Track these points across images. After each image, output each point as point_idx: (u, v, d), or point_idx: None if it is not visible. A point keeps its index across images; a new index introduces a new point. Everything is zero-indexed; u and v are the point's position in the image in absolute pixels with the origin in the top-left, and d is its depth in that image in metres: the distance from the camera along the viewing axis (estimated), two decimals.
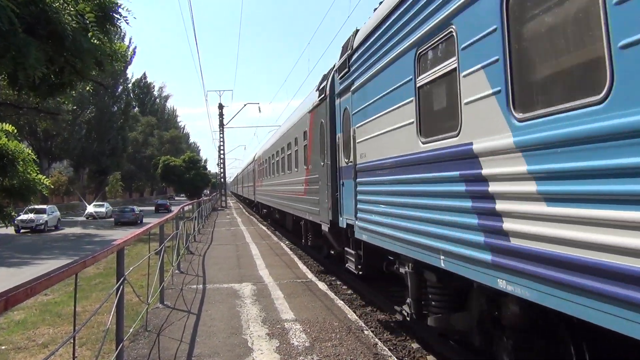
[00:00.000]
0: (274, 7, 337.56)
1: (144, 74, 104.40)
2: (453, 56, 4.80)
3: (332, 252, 12.84)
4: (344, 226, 9.46)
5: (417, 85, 5.74)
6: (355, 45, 8.35)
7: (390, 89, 6.60)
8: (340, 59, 9.55)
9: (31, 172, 8.69)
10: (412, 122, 5.92)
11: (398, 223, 6.42)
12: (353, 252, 9.32)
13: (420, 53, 5.65)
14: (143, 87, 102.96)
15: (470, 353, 6.84)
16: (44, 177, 9.17)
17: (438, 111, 5.59)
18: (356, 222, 8.47)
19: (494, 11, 4.02)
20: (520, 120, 3.76)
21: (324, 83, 11.35)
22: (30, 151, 9.22)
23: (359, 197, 8.27)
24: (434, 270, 5.76)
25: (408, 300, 6.67)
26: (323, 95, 11.29)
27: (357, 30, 8.54)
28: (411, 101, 5.92)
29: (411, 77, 5.87)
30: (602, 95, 2.99)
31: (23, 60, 6.04)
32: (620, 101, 2.86)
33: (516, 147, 3.76)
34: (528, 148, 3.64)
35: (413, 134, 5.86)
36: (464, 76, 4.58)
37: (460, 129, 4.73)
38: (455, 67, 4.75)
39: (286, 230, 24.28)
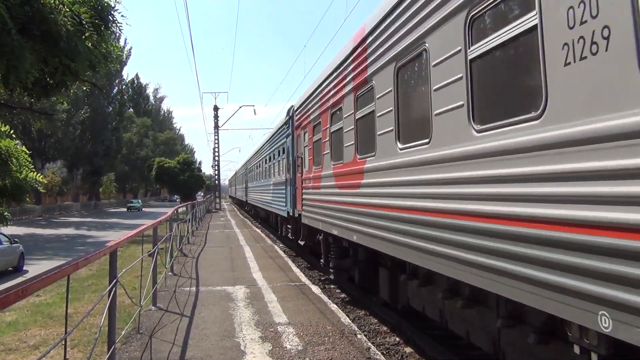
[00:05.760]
0: (270, 10, 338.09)
1: (137, 75, 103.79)
2: None
3: None
4: None
5: None
6: None
7: None
8: None
9: (23, 171, 8.63)
10: None
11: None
12: None
13: None
14: (136, 88, 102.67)
15: (463, 357, 6.85)
16: (38, 174, 9.11)
17: None
18: None
19: None
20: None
21: None
22: (24, 149, 9.16)
23: None
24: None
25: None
26: None
27: None
28: None
29: None
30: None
31: (17, 64, 6.01)
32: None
33: None
34: None
35: None
36: None
37: None
38: None
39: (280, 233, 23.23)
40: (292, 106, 15.66)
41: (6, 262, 18.34)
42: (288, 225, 16.91)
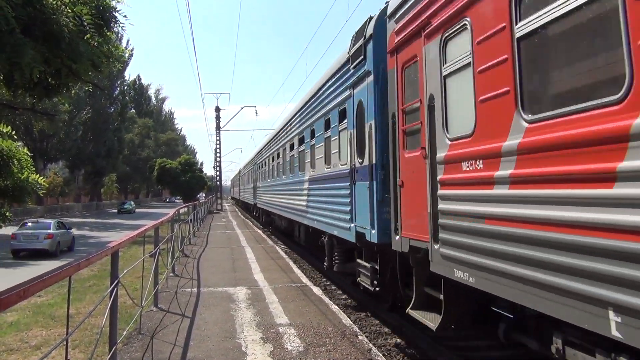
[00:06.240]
0: (272, 10, 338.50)
1: (138, 75, 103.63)
2: None
3: None
4: None
5: None
6: None
7: None
8: None
9: (25, 172, 8.64)
10: None
11: None
12: None
13: None
14: (138, 88, 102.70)
15: (463, 359, 6.84)
16: (39, 176, 9.12)
17: None
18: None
19: None
20: None
21: None
22: (26, 150, 9.17)
23: None
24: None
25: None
26: None
27: None
28: None
29: None
30: None
31: (19, 60, 6.04)
32: None
33: None
34: None
35: None
36: None
37: None
38: None
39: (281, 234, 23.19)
40: (383, 9, 7.64)
41: (64, 243, 24.96)
42: (361, 262, 8.76)
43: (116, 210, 69.05)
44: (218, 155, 61.31)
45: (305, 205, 13.63)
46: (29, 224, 24.70)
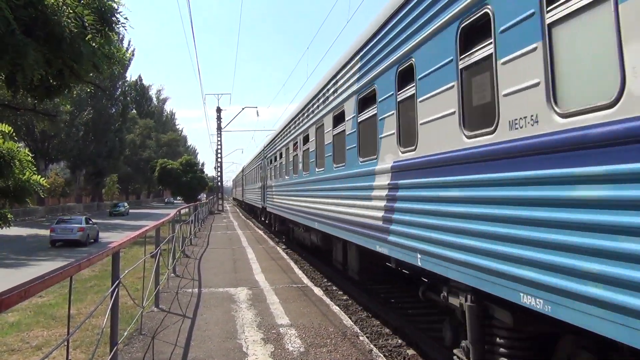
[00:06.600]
0: (273, 11, 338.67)
1: (140, 76, 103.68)
2: None
3: None
4: None
5: None
6: None
7: None
8: None
9: (26, 173, 8.64)
10: None
11: None
12: None
13: None
14: (139, 89, 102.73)
15: None
16: (41, 177, 9.12)
17: None
18: None
19: None
20: None
21: None
22: (27, 151, 9.18)
23: None
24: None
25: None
26: None
27: None
28: None
29: None
30: None
31: (21, 61, 6.04)
32: None
33: None
34: None
35: None
36: None
37: None
38: None
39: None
40: None
41: (92, 235, 30.17)
42: None
43: (108, 213, 62.31)
44: (219, 155, 61.39)
45: (382, 217, 7.08)
46: (63, 220, 30.63)
